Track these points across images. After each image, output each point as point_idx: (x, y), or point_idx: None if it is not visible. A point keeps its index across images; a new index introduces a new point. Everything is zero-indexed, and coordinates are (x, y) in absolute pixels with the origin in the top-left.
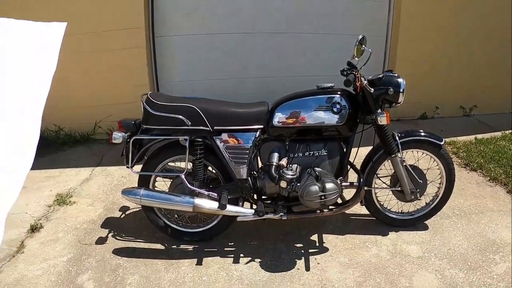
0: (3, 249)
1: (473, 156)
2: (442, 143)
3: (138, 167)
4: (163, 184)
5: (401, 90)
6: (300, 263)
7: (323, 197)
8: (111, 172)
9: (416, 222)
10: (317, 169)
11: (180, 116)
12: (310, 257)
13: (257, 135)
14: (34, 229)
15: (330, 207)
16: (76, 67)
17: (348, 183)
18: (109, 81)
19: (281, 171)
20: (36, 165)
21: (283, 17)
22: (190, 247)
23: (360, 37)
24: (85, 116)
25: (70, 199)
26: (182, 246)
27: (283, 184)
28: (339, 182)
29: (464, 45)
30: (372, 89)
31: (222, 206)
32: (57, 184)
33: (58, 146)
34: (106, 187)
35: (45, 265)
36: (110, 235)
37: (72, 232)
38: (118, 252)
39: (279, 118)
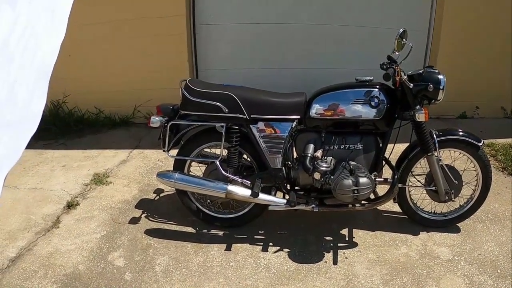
0: (39, 223)
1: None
2: (480, 144)
3: (174, 152)
4: (197, 169)
5: (441, 87)
6: (328, 256)
7: (356, 192)
8: (148, 155)
9: (448, 224)
10: (351, 162)
11: (218, 103)
12: (339, 251)
13: (294, 125)
14: (70, 206)
15: (363, 202)
16: (117, 52)
17: (382, 179)
18: (150, 66)
19: (315, 162)
20: (75, 145)
21: (323, 8)
22: (220, 233)
23: (401, 30)
24: (125, 100)
25: (106, 179)
26: (212, 231)
27: (317, 176)
28: (373, 178)
29: (508, 44)
30: (412, 85)
31: (254, 194)
32: (95, 164)
33: (98, 128)
34: (142, 169)
35: (79, 241)
36: (143, 215)
37: (106, 211)
38: (149, 232)
39: (316, 109)
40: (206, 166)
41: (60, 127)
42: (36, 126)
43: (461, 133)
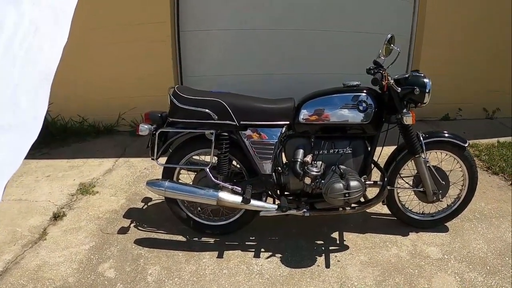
0: (25, 235)
1: (495, 159)
2: (466, 145)
3: (163, 159)
4: (186, 176)
5: (427, 90)
6: (321, 260)
7: (347, 195)
8: (134, 164)
9: (436, 224)
10: (341, 166)
11: (207, 110)
12: (331, 254)
13: (283, 131)
14: (56, 217)
15: (353, 205)
16: (101, 59)
17: (372, 182)
18: (134, 74)
19: (306, 167)
20: (60, 154)
21: (312, 14)
22: (212, 240)
23: (389, 36)
24: (109, 107)
25: (93, 188)
26: (203, 239)
27: (308, 180)
28: (363, 181)
29: (489, 47)
30: (399, 89)
31: (246, 200)
32: (81, 173)
33: (82, 137)
34: (129, 178)
35: (67, 253)
36: (132, 225)
37: (94, 221)
38: (139, 242)
39: (305, 114)
40: (195, 173)
41: (44, 136)
42: (38, 132)
43: (447, 135)
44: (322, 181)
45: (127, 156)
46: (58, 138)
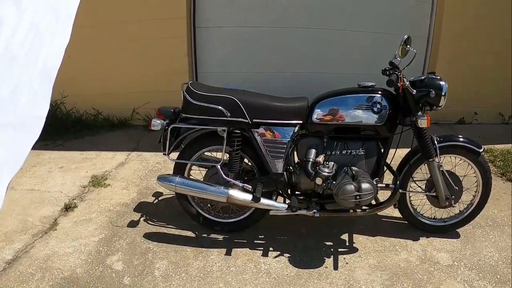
0: (36, 225)
1: (510, 165)
2: (481, 150)
3: (174, 155)
4: (197, 173)
5: (443, 93)
6: (329, 261)
7: (358, 197)
8: (146, 158)
9: (448, 230)
10: (353, 168)
11: (220, 107)
12: (339, 256)
13: (296, 130)
14: (68, 208)
15: (364, 207)
16: (116, 54)
17: (384, 185)
18: (149, 69)
19: (317, 168)
20: (73, 146)
21: (322, 13)
22: (220, 237)
23: (406, 37)
24: (123, 102)
25: (105, 181)
26: (212, 236)
27: (319, 181)
28: (375, 183)
29: (507, 50)
30: (415, 91)
31: (256, 199)
32: (93, 166)
33: (96, 130)
34: (141, 172)
35: (76, 244)
36: (142, 219)
37: (105, 214)
38: (148, 236)
39: (318, 114)
40: (207, 170)
41: (58, 128)
42: (39, 132)
43: (461, 139)
44: (334, 182)
45: (140, 150)
46: (73, 130)
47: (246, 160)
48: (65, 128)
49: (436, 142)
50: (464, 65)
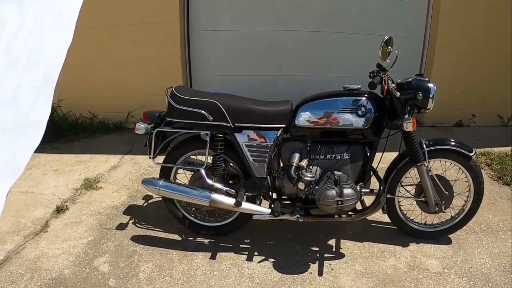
0: (28, 226)
1: (508, 169)
2: (472, 154)
3: (161, 159)
4: (184, 176)
5: (431, 96)
6: (314, 267)
7: (340, 203)
8: (139, 161)
9: (439, 235)
10: (336, 173)
11: (202, 111)
12: (325, 261)
13: (279, 134)
14: (59, 210)
15: (349, 213)
16: (111, 58)
17: (368, 190)
18: (144, 73)
19: (300, 172)
20: (68, 149)
21: (317, 16)
22: (206, 241)
23: (386, 37)
24: (119, 105)
25: (97, 184)
26: (198, 239)
27: (301, 185)
28: (358, 188)
29: (505, 52)
30: (398, 93)
31: (238, 203)
32: (87, 169)
33: (91, 133)
34: (133, 175)
35: (66, 246)
36: (130, 222)
37: (95, 216)
38: (136, 239)
39: (302, 118)
40: (192, 173)
41: (54, 131)
42: (41, 137)
43: (452, 143)
44: (316, 187)
45: (134, 154)
46: (69, 133)
47: (231, 164)
48: (62, 131)
49: (424, 146)
50: (461, 67)
